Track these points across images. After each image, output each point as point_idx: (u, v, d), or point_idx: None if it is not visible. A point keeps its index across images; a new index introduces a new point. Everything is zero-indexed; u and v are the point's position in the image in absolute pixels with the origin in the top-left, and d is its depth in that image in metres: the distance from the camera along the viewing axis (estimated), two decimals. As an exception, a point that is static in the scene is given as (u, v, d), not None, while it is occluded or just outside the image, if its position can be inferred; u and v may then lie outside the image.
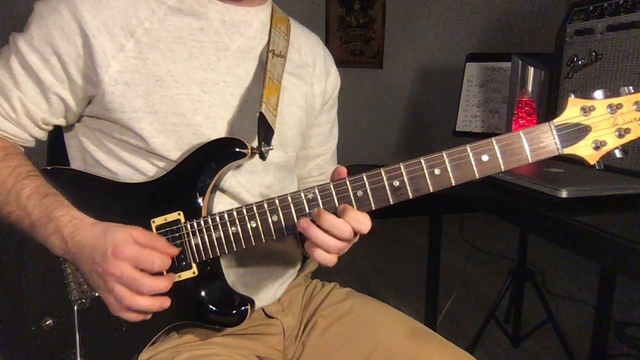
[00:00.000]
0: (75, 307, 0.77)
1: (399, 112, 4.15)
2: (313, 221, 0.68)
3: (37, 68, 0.75)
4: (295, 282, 0.97)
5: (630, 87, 0.66)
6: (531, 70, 1.39)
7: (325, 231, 0.67)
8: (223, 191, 0.81)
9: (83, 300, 0.77)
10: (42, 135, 0.83)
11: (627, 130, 0.66)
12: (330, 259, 0.69)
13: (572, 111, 0.67)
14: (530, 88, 1.40)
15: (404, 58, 4.07)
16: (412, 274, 2.78)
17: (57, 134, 0.86)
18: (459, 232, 3.18)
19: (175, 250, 0.72)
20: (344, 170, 0.71)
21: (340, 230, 0.67)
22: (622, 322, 2.25)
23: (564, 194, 0.98)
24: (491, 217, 1.22)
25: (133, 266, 0.67)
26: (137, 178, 0.80)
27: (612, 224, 0.90)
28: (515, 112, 1.42)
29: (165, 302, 0.70)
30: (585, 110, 0.66)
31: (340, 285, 0.99)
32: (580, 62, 1.26)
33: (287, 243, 0.94)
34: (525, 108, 1.40)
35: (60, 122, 0.82)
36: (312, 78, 0.94)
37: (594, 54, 1.22)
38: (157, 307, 0.69)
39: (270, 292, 0.89)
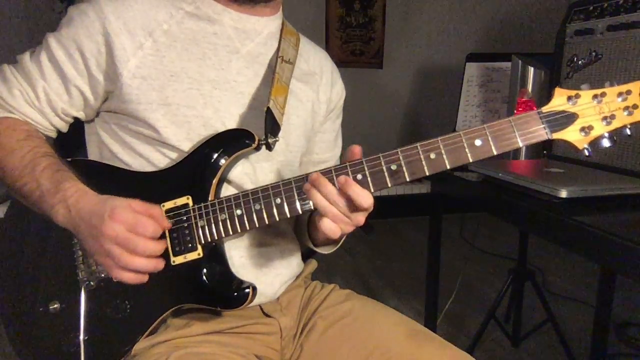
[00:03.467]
0: (83, 288, 0.81)
1: (399, 112, 4.14)
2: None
3: (62, 61, 0.82)
4: (295, 284, 0.97)
5: (614, 82, 0.70)
6: (531, 70, 1.39)
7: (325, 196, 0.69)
8: (230, 183, 0.84)
9: (91, 282, 0.81)
10: (62, 125, 0.88)
11: (613, 117, 0.69)
12: (334, 229, 0.70)
13: (558, 100, 0.70)
14: (530, 88, 1.40)
15: (404, 58, 4.07)
16: (412, 274, 2.78)
17: (74, 132, 0.91)
18: (459, 232, 3.18)
19: (168, 224, 0.75)
20: (357, 150, 0.74)
21: (335, 199, 0.68)
22: (622, 322, 2.25)
23: (564, 194, 0.98)
24: (491, 217, 1.22)
25: (128, 230, 0.70)
26: (150, 169, 0.84)
27: (612, 224, 0.89)
28: (515, 112, 1.42)
29: (160, 264, 0.73)
30: (571, 99, 0.70)
31: (340, 286, 0.99)
32: (580, 62, 1.25)
33: (289, 241, 0.95)
34: (525, 108, 1.40)
35: (80, 115, 0.88)
36: (318, 86, 0.98)
37: (594, 54, 1.22)
38: (151, 268, 0.72)
39: (269, 289, 0.90)
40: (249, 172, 0.86)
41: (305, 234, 0.94)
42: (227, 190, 0.83)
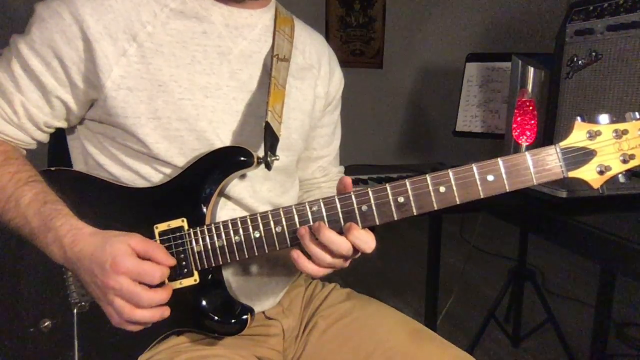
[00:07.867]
0: (75, 310, 0.77)
1: (399, 112, 4.15)
2: (313, 234, 0.69)
3: (39, 72, 0.74)
4: (296, 283, 0.97)
5: (637, 113, 0.67)
6: (531, 70, 1.39)
7: (323, 247, 0.69)
8: (225, 196, 0.81)
9: (83, 303, 0.77)
10: (44, 137, 0.83)
11: (632, 156, 0.66)
12: (316, 271, 0.71)
13: (578, 135, 0.67)
14: (530, 88, 1.40)
15: (404, 58, 4.07)
16: (412, 274, 2.78)
17: (58, 135, 0.86)
18: (459, 232, 3.17)
19: (173, 261, 0.72)
20: (349, 182, 0.72)
21: (338, 246, 0.68)
22: (622, 322, 2.25)
23: (564, 194, 0.98)
24: (491, 217, 1.22)
25: (132, 279, 0.67)
26: (140, 183, 0.79)
27: (612, 224, 0.89)
28: (515, 112, 1.42)
29: (165, 312, 0.71)
30: (591, 135, 0.67)
31: (340, 286, 0.99)
32: (580, 62, 1.25)
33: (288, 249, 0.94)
34: (525, 108, 1.40)
35: (62, 124, 0.82)
36: (316, 79, 0.94)
37: (594, 54, 1.22)
38: (157, 318, 0.70)
39: (272, 298, 0.90)
40: (244, 185, 0.82)
41: None
42: (223, 204, 0.81)
